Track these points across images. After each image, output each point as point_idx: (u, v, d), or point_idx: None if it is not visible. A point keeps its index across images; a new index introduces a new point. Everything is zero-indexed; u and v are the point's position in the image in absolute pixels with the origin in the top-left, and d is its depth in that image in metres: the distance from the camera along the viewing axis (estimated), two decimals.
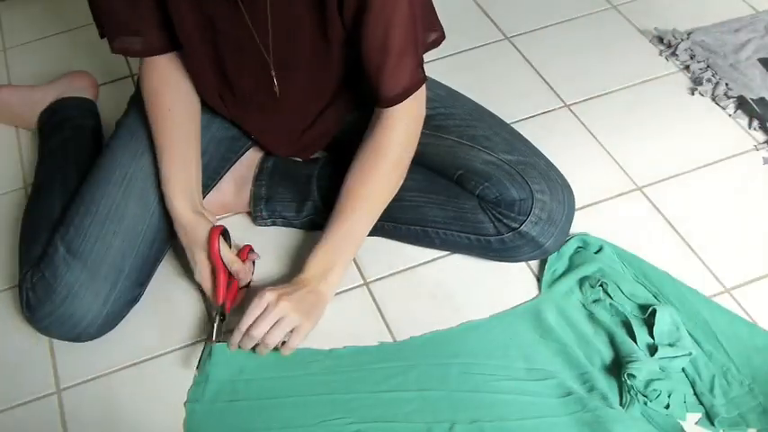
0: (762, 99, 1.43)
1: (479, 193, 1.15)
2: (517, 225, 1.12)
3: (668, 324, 1.09)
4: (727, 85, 1.46)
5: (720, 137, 1.39)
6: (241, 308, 1.08)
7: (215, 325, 1.09)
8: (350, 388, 1.08)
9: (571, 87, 1.51)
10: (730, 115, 1.43)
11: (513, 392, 1.05)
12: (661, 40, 1.58)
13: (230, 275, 1.12)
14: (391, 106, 1.05)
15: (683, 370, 1.07)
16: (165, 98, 1.13)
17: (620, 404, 1.04)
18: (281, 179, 1.27)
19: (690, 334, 1.09)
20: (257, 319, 1.02)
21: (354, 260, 1.24)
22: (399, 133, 1.09)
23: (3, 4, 1.83)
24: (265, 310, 1.02)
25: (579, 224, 1.21)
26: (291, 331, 1.04)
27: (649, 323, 1.10)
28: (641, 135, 1.41)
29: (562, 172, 1.18)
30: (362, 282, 1.22)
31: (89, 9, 1.10)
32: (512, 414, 1.03)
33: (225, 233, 1.12)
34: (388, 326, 1.16)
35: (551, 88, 1.51)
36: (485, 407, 1.04)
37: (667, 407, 1.03)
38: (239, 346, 1.05)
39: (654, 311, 1.10)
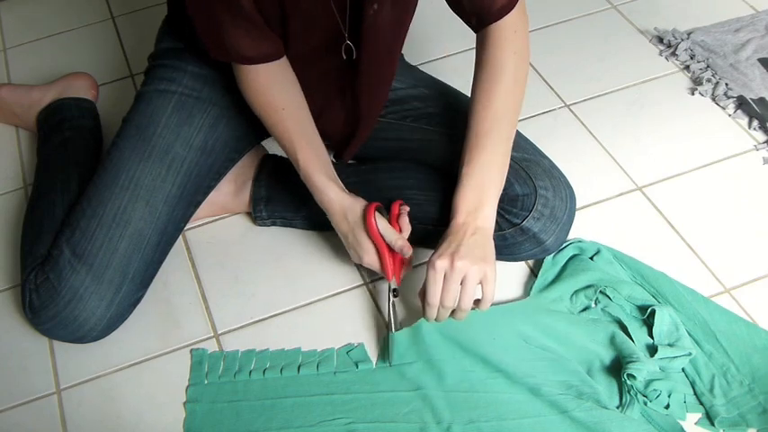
0: (762, 99, 1.43)
1: None
2: (519, 221, 1.12)
3: (668, 324, 1.09)
4: (727, 85, 1.46)
5: (720, 137, 1.39)
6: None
7: (389, 303, 1.09)
8: (348, 388, 1.08)
9: (571, 87, 1.51)
10: (730, 115, 1.43)
11: (509, 392, 1.05)
12: (661, 40, 1.58)
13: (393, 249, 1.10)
14: (505, 15, 1.04)
15: (683, 370, 1.07)
16: (275, 99, 1.09)
17: (620, 404, 1.04)
18: (281, 179, 1.27)
19: (689, 334, 1.09)
20: (442, 289, 1.00)
21: None
22: (513, 44, 1.06)
23: (3, 4, 1.83)
24: (444, 277, 1.00)
25: (579, 224, 1.21)
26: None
27: (648, 324, 1.10)
28: (641, 135, 1.41)
29: (562, 171, 1.18)
30: (362, 282, 1.22)
31: (199, 25, 1.05)
32: (509, 414, 1.03)
33: (379, 208, 1.09)
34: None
35: (551, 88, 1.51)
36: (482, 407, 1.04)
37: (667, 407, 1.03)
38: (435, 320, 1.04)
39: (653, 312, 1.10)
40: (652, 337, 1.09)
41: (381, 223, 1.06)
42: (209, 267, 1.26)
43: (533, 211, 1.11)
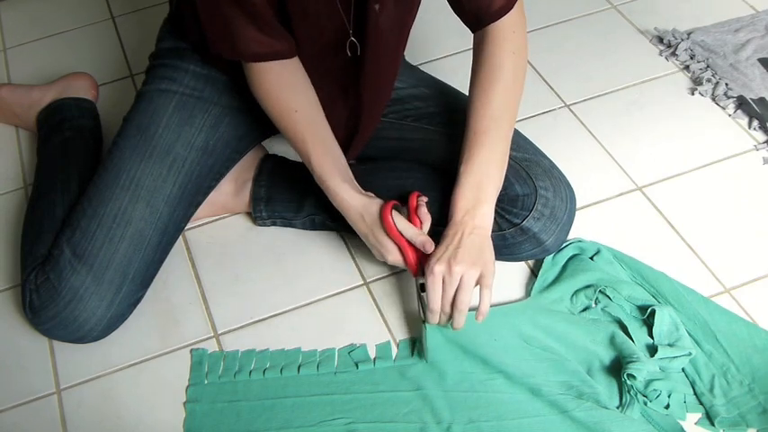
0: (762, 99, 1.43)
1: None
2: (519, 221, 1.12)
3: (668, 324, 1.09)
4: (727, 85, 1.46)
5: (720, 137, 1.39)
6: None
7: (418, 297, 1.09)
8: (348, 389, 1.08)
9: (571, 87, 1.51)
10: (730, 115, 1.43)
11: (509, 392, 1.05)
12: (661, 40, 1.58)
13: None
14: (504, 15, 1.04)
15: (683, 370, 1.07)
16: (287, 99, 1.08)
17: (620, 404, 1.04)
18: (281, 179, 1.27)
19: (689, 334, 1.09)
20: (442, 294, 1.01)
21: (354, 260, 1.24)
22: (512, 43, 1.06)
23: (3, 4, 1.83)
24: (443, 281, 1.00)
25: (579, 224, 1.21)
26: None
27: (648, 324, 1.10)
28: (641, 135, 1.41)
29: (562, 171, 1.18)
30: (362, 282, 1.22)
31: (206, 23, 1.04)
32: (509, 413, 1.03)
33: (397, 206, 1.07)
34: (388, 326, 1.16)
35: (551, 88, 1.51)
36: (482, 407, 1.04)
37: (667, 407, 1.03)
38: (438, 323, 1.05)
39: (653, 312, 1.10)
40: (652, 337, 1.09)
41: (400, 222, 1.05)
42: (209, 267, 1.26)
43: (533, 211, 1.11)
